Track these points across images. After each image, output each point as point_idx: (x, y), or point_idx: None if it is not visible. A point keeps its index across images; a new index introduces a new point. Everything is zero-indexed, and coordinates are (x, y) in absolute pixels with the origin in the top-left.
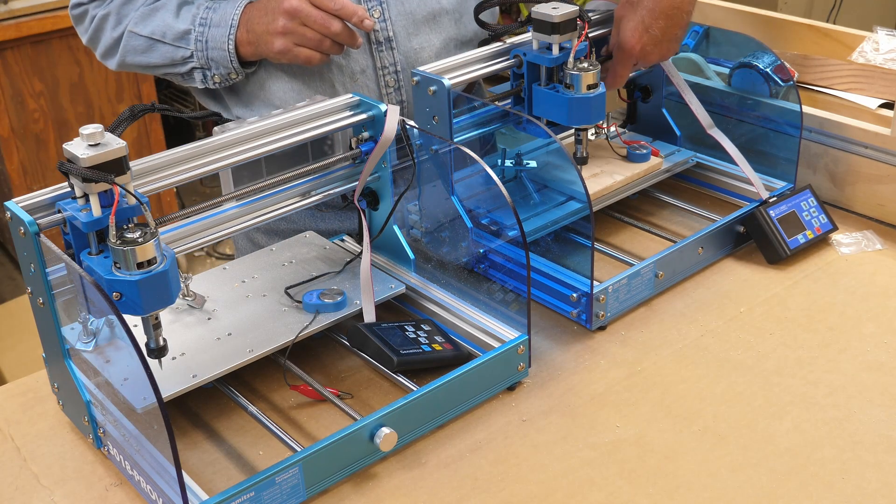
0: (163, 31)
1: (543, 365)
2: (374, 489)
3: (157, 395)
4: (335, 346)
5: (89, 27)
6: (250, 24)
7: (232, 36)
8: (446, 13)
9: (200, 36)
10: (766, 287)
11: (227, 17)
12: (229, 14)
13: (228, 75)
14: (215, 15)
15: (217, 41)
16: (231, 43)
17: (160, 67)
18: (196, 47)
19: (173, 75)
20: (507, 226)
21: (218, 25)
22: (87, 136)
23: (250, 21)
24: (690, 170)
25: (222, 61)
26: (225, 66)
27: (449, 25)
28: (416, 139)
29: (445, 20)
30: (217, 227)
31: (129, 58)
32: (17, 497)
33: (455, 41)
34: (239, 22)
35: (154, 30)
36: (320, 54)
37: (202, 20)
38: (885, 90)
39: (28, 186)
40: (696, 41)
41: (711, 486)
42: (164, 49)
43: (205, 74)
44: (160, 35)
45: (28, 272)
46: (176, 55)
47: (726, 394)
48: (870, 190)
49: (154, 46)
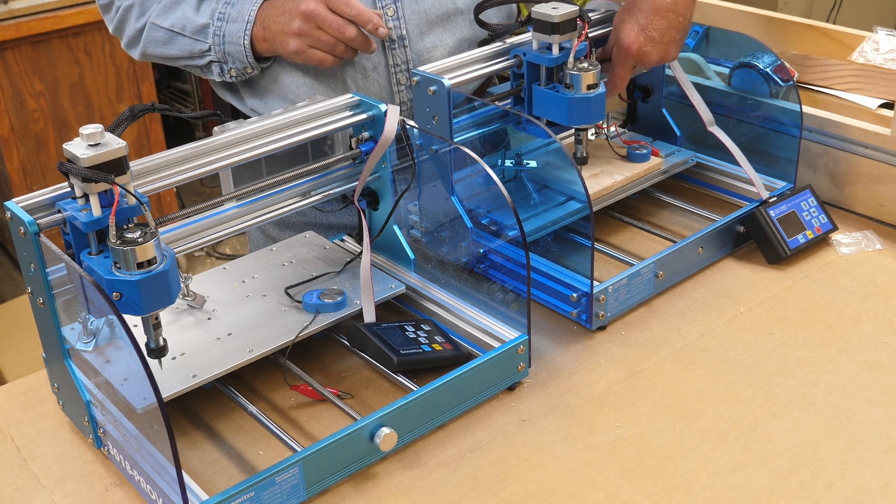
0: (182, 24)
1: (543, 365)
2: (374, 489)
3: (157, 395)
4: (335, 346)
5: (115, 17)
6: (266, 21)
7: (248, 32)
8: (460, 13)
9: (218, 31)
10: (766, 287)
11: (244, 14)
12: (246, 10)
13: (244, 69)
14: (233, 10)
15: (234, 36)
16: (247, 38)
17: (180, 59)
18: (214, 41)
19: (193, 67)
20: (507, 226)
21: (235, 21)
22: (87, 136)
23: (267, 19)
24: (690, 170)
25: (238, 56)
26: (241, 61)
27: (463, 25)
28: (416, 139)
29: (459, 20)
30: (217, 227)
31: (150, 49)
32: (17, 497)
33: (468, 41)
34: (255, 18)
35: (174, 22)
36: (333, 57)
37: (220, 15)
38: (885, 90)
39: (28, 186)
40: (696, 41)
41: (711, 486)
42: (183, 42)
43: (222, 68)
44: (180, 28)
45: (28, 272)
46: (195, 48)
47: (726, 394)
48: (870, 190)
49: (174, 39)
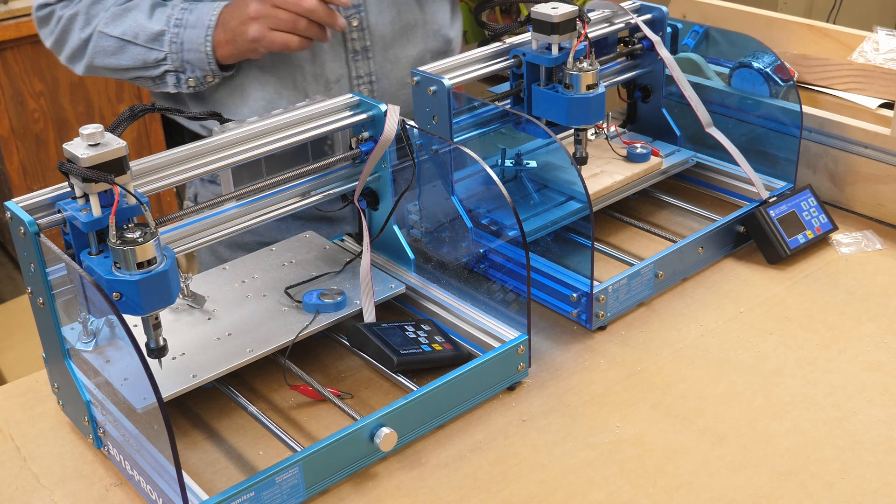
0: (135, 31)
1: (543, 365)
2: (374, 489)
3: (157, 395)
4: (335, 346)
5: (55, 28)
6: (226, 23)
7: (209, 37)
8: (423, 25)
9: (175, 38)
10: (766, 287)
11: (204, 18)
12: (206, 15)
13: (204, 78)
14: (191, 16)
15: (194, 42)
16: (209, 44)
17: (131, 70)
18: (170, 49)
19: (144, 79)
20: (507, 226)
21: (195, 26)
22: (87, 136)
23: (226, 21)
24: (690, 170)
25: (199, 63)
26: (202, 69)
27: (426, 37)
28: (416, 139)
29: (421, 32)
30: (217, 227)
31: (97, 60)
32: (17, 497)
33: (431, 52)
34: (217, 22)
35: (125, 30)
36: (298, 38)
37: (178, 21)
38: (885, 90)
39: (28, 186)
40: (696, 41)
41: (711, 486)
42: (135, 51)
43: (178, 78)
44: (132, 36)
45: (28, 272)
46: (149, 57)
47: (726, 394)
48: (870, 190)
49: (125, 48)
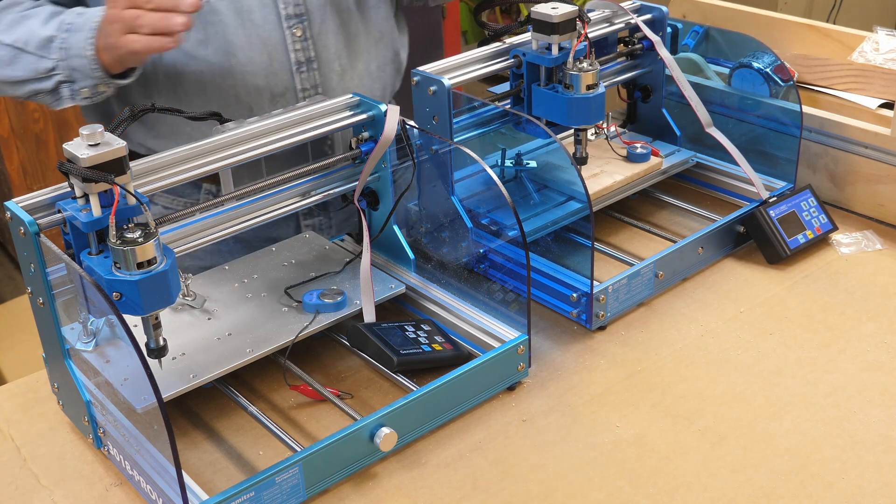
0: (26, 38)
1: (543, 365)
2: (374, 489)
3: (157, 395)
4: (335, 346)
5: None
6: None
7: (91, 40)
8: (366, 34)
9: (63, 43)
10: (766, 287)
11: (90, 21)
12: (92, 17)
13: (96, 87)
14: (80, 19)
15: (77, 48)
16: (91, 48)
17: (27, 83)
18: (59, 56)
19: (43, 94)
20: (507, 226)
21: (80, 30)
22: (87, 136)
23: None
24: (690, 170)
25: (84, 70)
26: (89, 76)
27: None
28: (416, 139)
29: (363, 42)
30: (217, 227)
31: None
32: (17, 497)
33: (377, 63)
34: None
35: (18, 38)
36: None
37: (68, 25)
38: (885, 90)
39: (28, 186)
40: (696, 41)
41: (711, 486)
42: (27, 60)
43: (71, 89)
44: (23, 43)
45: (28, 272)
46: (39, 66)
47: (726, 394)
48: (870, 190)
49: (18, 57)
